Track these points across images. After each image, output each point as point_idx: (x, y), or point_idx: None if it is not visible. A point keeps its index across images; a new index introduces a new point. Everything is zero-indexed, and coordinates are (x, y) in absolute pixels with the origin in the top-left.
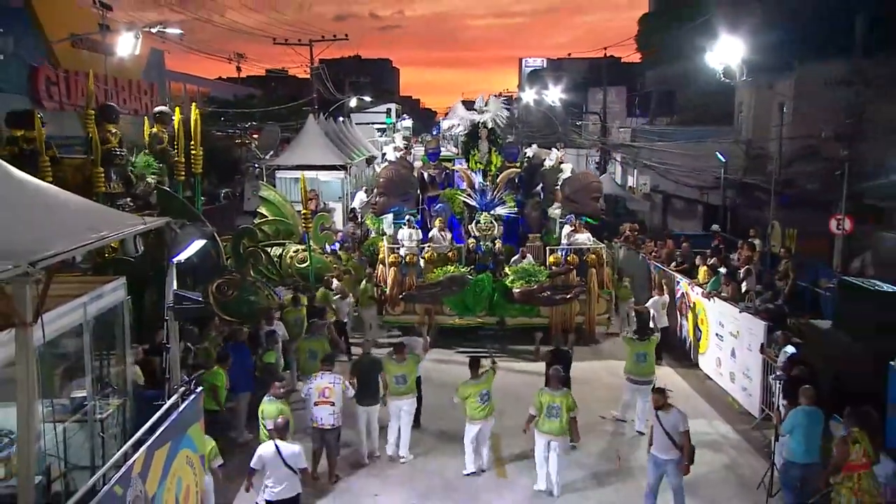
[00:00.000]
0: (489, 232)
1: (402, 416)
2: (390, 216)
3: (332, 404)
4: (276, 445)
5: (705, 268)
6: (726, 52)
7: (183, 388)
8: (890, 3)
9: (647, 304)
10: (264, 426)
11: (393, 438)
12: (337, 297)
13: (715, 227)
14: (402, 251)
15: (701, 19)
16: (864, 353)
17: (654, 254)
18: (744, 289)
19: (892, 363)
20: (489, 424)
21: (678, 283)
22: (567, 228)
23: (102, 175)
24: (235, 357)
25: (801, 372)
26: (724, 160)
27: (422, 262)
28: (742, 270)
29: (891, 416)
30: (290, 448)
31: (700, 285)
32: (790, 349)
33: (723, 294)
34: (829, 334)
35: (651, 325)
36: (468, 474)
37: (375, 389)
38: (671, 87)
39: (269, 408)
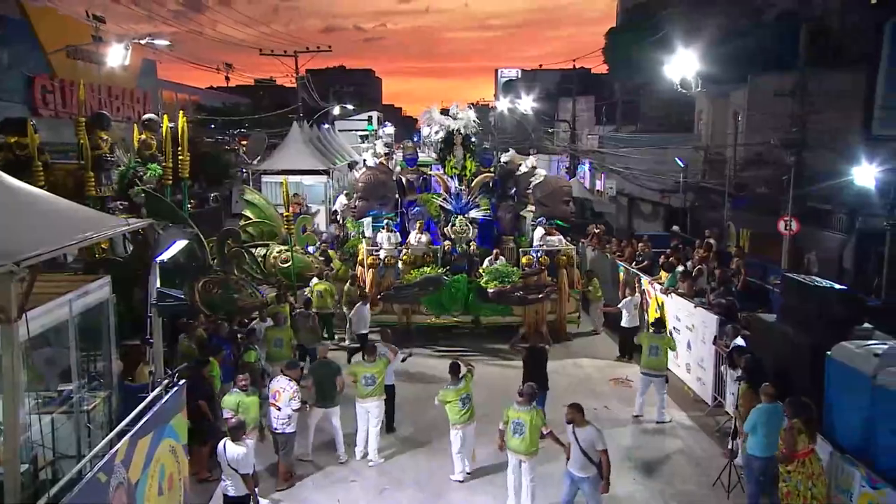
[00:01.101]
0: (464, 234)
1: (371, 419)
2: (370, 219)
3: (279, 409)
4: (223, 444)
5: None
6: (682, 65)
7: (166, 381)
8: (828, 21)
9: (619, 305)
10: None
11: (362, 441)
12: (359, 304)
13: (675, 227)
14: (381, 253)
15: (659, 34)
16: (804, 345)
17: (617, 253)
18: (696, 286)
19: (828, 354)
20: (471, 427)
21: (638, 280)
22: (539, 231)
23: (93, 179)
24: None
25: (748, 361)
26: (682, 165)
27: (399, 264)
28: (695, 269)
29: (828, 404)
30: (234, 450)
31: (660, 283)
32: (740, 341)
33: (679, 290)
34: (773, 327)
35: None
36: (457, 480)
37: (331, 392)
38: (636, 96)
39: (228, 399)
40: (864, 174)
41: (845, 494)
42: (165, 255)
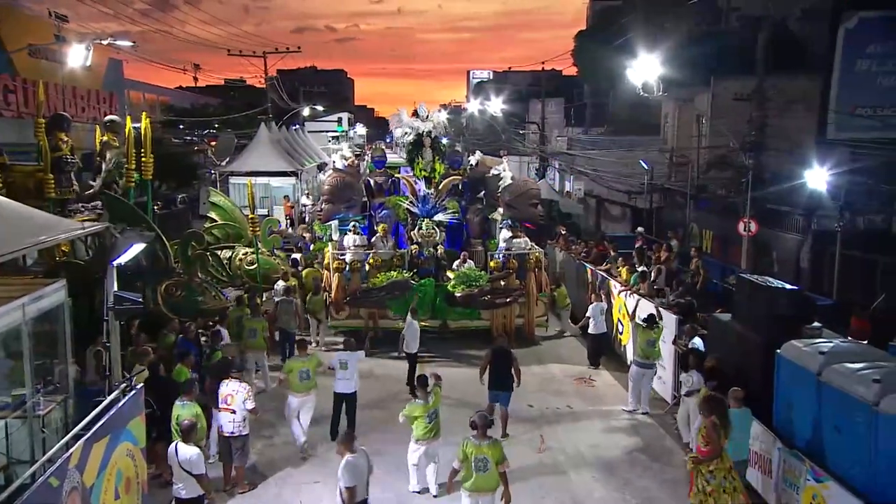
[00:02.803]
0: (431, 238)
1: (304, 412)
2: (338, 222)
3: (233, 412)
4: (175, 446)
5: (627, 267)
6: (645, 69)
7: (124, 384)
8: (790, 26)
9: (587, 314)
10: (176, 431)
11: (300, 433)
12: (412, 321)
13: (640, 229)
14: (347, 257)
15: (624, 38)
16: (756, 344)
17: (583, 255)
18: (655, 286)
19: (778, 352)
20: (436, 444)
21: (602, 283)
22: (506, 233)
23: (52, 181)
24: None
25: (713, 361)
26: (647, 167)
27: (366, 268)
28: (654, 269)
29: (778, 401)
30: (186, 451)
31: (620, 281)
32: (697, 341)
33: (640, 291)
34: (728, 326)
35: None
36: (414, 492)
37: None
38: (604, 99)
39: (183, 412)
40: (817, 177)
41: (792, 488)
42: (123, 259)
